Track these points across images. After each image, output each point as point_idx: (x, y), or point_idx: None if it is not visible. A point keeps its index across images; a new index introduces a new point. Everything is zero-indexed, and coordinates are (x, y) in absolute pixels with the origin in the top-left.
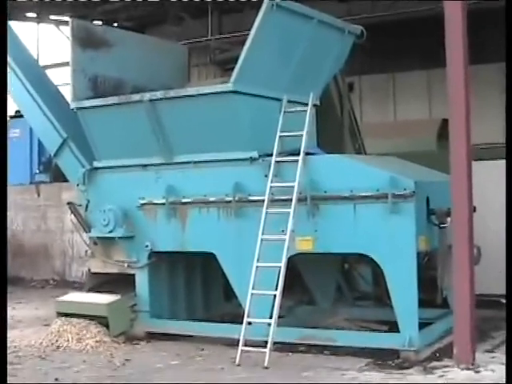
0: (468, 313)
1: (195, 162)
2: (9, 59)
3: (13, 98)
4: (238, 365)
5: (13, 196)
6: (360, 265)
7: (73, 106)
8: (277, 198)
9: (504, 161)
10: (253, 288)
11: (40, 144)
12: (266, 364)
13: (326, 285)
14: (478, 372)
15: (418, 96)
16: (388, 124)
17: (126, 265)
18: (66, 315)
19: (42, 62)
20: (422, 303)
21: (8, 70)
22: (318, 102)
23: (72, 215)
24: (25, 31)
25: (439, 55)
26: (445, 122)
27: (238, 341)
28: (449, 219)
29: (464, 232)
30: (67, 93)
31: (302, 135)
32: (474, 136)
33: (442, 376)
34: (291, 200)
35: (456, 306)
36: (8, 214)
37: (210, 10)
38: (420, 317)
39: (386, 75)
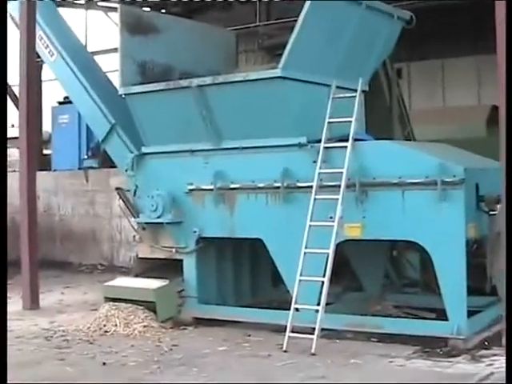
0: None
1: (243, 148)
2: (57, 45)
3: (61, 83)
4: (285, 351)
5: (61, 181)
6: (408, 251)
7: (121, 91)
8: (325, 184)
9: None
10: (301, 274)
11: (88, 130)
12: (313, 350)
13: (374, 271)
14: None
15: (467, 82)
16: (437, 110)
17: (173, 250)
18: (114, 300)
19: (90, 49)
20: (471, 291)
21: (56, 55)
22: (366, 88)
23: (120, 200)
24: (73, 18)
25: (489, 41)
26: (495, 108)
27: (286, 327)
28: (498, 206)
29: None
30: (115, 79)
31: (350, 121)
32: None
33: (491, 365)
34: (340, 186)
35: (505, 294)
36: (56, 199)
37: None
38: (469, 305)
39: (435, 61)
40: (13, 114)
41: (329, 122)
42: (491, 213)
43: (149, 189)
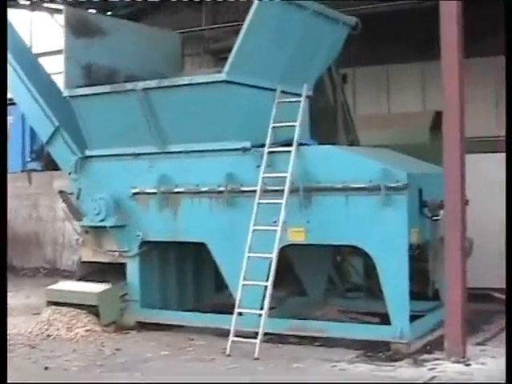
0: (459, 306)
1: (188, 152)
2: None
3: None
4: (229, 355)
5: None
6: (352, 256)
7: (65, 93)
8: (269, 188)
9: (493, 154)
10: (244, 279)
11: (32, 131)
12: (256, 355)
13: (318, 276)
14: (468, 365)
15: (412, 88)
16: (381, 116)
17: (117, 254)
18: (57, 304)
19: (35, 50)
20: (414, 295)
21: None
22: (311, 93)
23: (63, 203)
24: (18, 18)
25: (434, 47)
26: (438, 114)
27: (229, 331)
28: (441, 212)
29: (456, 224)
30: (60, 81)
31: (294, 126)
32: (467, 129)
33: (433, 369)
34: (283, 191)
35: (447, 298)
36: None
37: None
38: (411, 309)
39: (381, 67)
40: None
41: (273, 127)
42: (434, 218)
43: (92, 192)
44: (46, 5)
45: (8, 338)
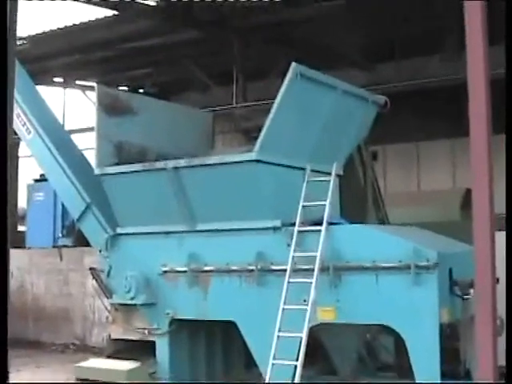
0: None
1: (217, 230)
2: (35, 123)
3: (37, 161)
4: None
5: (35, 259)
6: (382, 335)
7: (97, 171)
8: (299, 267)
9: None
10: (274, 357)
11: (64, 208)
12: None
13: (348, 354)
14: None
15: (442, 165)
16: (412, 193)
17: (146, 331)
18: (86, 381)
19: (67, 127)
20: (445, 375)
21: (33, 133)
22: (341, 172)
23: (94, 280)
24: (52, 96)
25: (463, 124)
26: (468, 191)
27: None
28: (472, 290)
29: (487, 303)
30: (91, 157)
31: (324, 205)
32: (498, 206)
33: None
34: (313, 270)
35: (479, 378)
36: (30, 276)
37: (235, 78)
38: None
39: (410, 144)
40: None
41: (303, 206)
42: (465, 297)
43: (123, 269)
44: (78, 82)
45: None
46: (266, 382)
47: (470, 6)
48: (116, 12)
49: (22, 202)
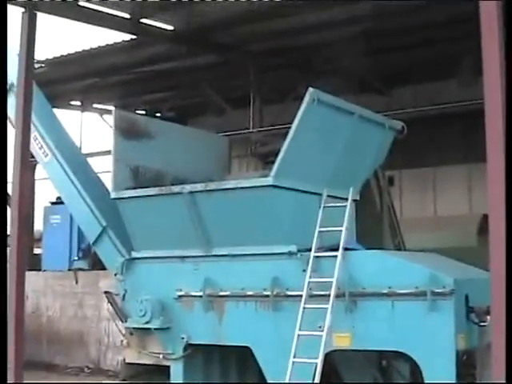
0: None
1: (233, 255)
2: (52, 146)
3: (54, 184)
4: None
5: (51, 282)
6: (398, 361)
7: (113, 195)
8: (315, 293)
9: None
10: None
11: (80, 231)
12: None
13: (363, 380)
14: None
15: (458, 190)
16: (428, 219)
17: (161, 356)
18: None
19: (84, 150)
20: None
21: (50, 156)
22: (357, 197)
23: (109, 304)
24: (69, 119)
25: (480, 149)
26: (485, 217)
27: None
28: (488, 317)
29: (502, 331)
30: (108, 180)
31: (341, 231)
32: None
33: None
34: (329, 295)
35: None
36: (45, 299)
37: (251, 102)
38: None
39: (427, 169)
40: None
41: (319, 231)
42: (481, 324)
43: (138, 293)
44: (96, 105)
45: None
46: None
47: (486, 35)
48: (134, 36)
49: (38, 224)
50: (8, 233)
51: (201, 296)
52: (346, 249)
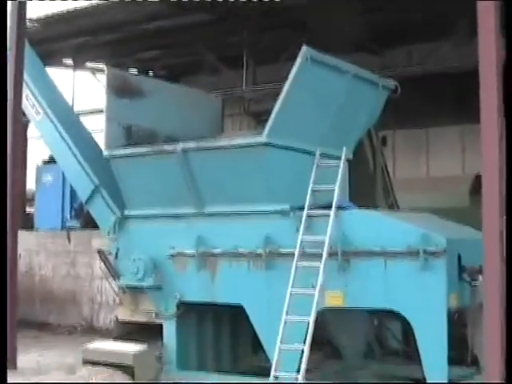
0: (498, 372)
1: (226, 214)
2: (44, 104)
3: (46, 143)
4: None
5: (43, 241)
6: (390, 320)
7: (105, 154)
8: (307, 251)
9: None
10: (281, 342)
11: (72, 190)
12: None
13: (355, 340)
14: None
15: (451, 151)
16: (421, 179)
17: (153, 314)
18: (93, 363)
19: (77, 108)
20: (452, 361)
21: (42, 114)
22: (350, 157)
23: (102, 262)
24: (61, 77)
25: (473, 110)
26: (478, 177)
27: None
28: (480, 277)
29: (495, 290)
30: (100, 139)
31: (334, 189)
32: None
33: None
34: (322, 254)
35: (486, 365)
36: (38, 258)
37: (245, 61)
38: (450, 375)
39: (420, 130)
40: None
41: (312, 190)
42: (473, 283)
43: (130, 252)
44: (88, 64)
45: None
46: (273, 366)
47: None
48: None
49: (30, 183)
50: None
51: (194, 255)
52: (338, 208)
